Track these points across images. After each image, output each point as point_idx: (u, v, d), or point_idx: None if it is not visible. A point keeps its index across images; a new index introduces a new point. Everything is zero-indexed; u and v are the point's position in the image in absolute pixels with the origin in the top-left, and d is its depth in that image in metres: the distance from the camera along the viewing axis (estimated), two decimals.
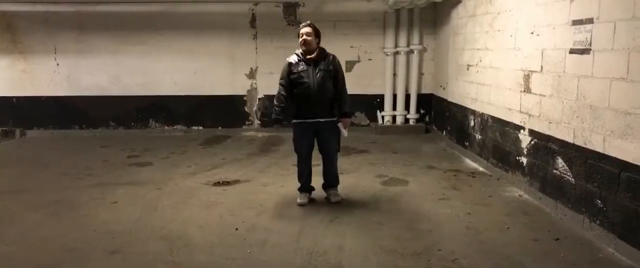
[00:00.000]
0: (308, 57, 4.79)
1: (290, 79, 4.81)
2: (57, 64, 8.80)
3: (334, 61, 4.87)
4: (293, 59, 4.85)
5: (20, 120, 8.93)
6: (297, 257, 3.77)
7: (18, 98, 8.90)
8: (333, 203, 4.96)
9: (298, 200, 4.99)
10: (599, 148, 4.02)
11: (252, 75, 9.00)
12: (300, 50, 4.84)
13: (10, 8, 8.47)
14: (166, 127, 9.13)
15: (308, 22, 4.87)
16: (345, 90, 4.97)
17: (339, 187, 5.13)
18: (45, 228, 4.42)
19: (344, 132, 5.00)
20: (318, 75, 4.75)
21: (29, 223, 4.55)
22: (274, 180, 5.87)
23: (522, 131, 5.36)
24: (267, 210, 4.83)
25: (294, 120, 4.91)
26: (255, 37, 8.86)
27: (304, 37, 4.74)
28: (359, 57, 8.90)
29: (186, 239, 4.11)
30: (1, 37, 8.66)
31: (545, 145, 4.87)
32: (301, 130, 4.91)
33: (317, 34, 4.83)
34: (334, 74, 4.83)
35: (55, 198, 5.23)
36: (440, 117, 8.49)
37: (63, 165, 6.71)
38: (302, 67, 4.79)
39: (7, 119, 8.90)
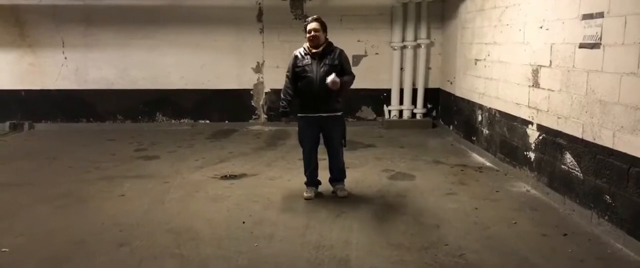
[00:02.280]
0: (313, 51, 4.76)
1: (295, 72, 4.80)
2: (65, 58, 8.84)
3: (340, 56, 4.81)
4: (299, 52, 4.84)
5: (28, 113, 8.98)
6: (304, 251, 3.77)
7: (26, 91, 8.94)
8: (340, 198, 4.96)
9: (304, 194, 4.99)
10: (608, 144, 3.99)
11: (258, 69, 8.99)
12: (307, 44, 4.82)
13: (18, 1, 8.48)
14: (173, 121, 9.15)
15: (315, 16, 4.84)
16: (351, 75, 4.81)
17: (346, 182, 5.13)
18: (53, 220, 4.46)
19: (331, 77, 4.58)
20: (322, 69, 4.71)
21: (37, 215, 4.58)
22: (280, 174, 5.88)
23: (530, 126, 5.32)
24: (274, 203, 4.84)
25: (299, 114, 4.91)
26: (261, 31, 8.85)
27: (313, 33, 4.71)
28: (365, 52, 8.87)
29: (193, 232, 4.13)
30: (10, 31, 8.70)
31: (553, 140, 4.83)
32: (305, 124, 4.91)
33: (324, 28, 4.81)
34: (340, 68, 4.77)
35: (63, 191, 5.26)
36: (448, 111, 8.45)
37: (71, 158, 6.74)
38: (306, 61, 4.77)
39: (15, 112, 8.96)
